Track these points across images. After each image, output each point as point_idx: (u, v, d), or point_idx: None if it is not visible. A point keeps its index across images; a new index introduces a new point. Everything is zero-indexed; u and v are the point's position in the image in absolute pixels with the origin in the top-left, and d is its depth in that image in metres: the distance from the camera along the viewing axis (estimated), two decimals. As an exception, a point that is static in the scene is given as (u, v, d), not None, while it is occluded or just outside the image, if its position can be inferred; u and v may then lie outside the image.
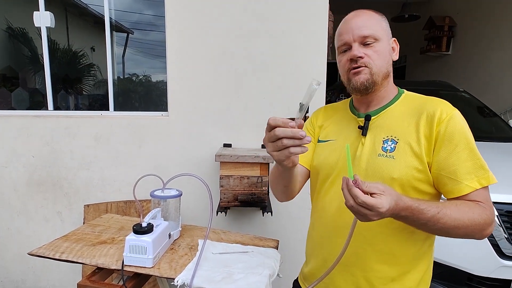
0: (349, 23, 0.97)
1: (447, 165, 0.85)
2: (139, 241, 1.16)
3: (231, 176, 1.97)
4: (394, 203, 0.74)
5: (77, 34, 2.76)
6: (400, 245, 0.93)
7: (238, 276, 1.15)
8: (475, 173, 0.84)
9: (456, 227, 0.80)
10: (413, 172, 0.88)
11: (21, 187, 2.35)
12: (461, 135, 0.86)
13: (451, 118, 0.87)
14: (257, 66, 2.21)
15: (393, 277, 0.94)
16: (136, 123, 2.28)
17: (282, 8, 2.16)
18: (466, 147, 0.85)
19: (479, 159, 0.85)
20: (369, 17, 0.96)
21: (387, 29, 0.98)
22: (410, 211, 0.77)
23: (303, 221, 2.28)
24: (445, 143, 0.86)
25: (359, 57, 0.93)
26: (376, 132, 0.96)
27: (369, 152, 0.95)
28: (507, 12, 5.04)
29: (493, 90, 5.24)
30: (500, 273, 1.97)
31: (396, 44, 1.00)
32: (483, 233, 0.84)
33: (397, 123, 0.94)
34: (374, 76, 0.94)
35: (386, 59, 0.96)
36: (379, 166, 0.91)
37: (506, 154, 2.64)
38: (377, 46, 0.94)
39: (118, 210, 2.25)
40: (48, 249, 1.29)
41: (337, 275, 1.01)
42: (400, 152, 0.90)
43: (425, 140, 0.88)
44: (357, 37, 0.94)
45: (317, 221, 1.10)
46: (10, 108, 2.54)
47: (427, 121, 0.89)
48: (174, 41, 2.21)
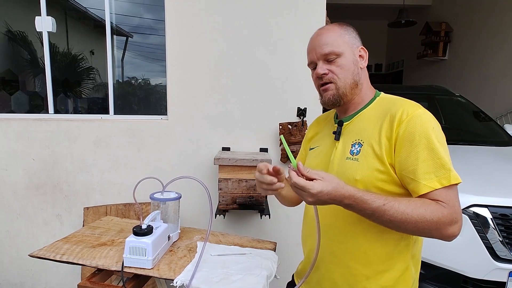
0: (313, 42, 1.05)
1: (407, 165, 0.88)
2: (139, 243, 1.18)
3: (229, 179, 1.99)
4: (332, 188, 0.81)
5: (76, 37, 2.78)
6: (370, 244, 0.96)
7: (236, 277, 1.17)
8: (435, 173, 0.85)
9: (404, 221, 0.82)
10: (375, 173, 0.92)
11: (20, 190, 2.36)
12: (422, 135, 0.87)
13: (411, 119, 0.89)
14: (255, 71, 2.24)
15: (368, 275, 0.97)
16: (136, 127, 2.30)
17: (279, 14, 2.19)
18: (426, 147, 0.86)
19: (440, 158, 0.86)
20: (331, 34, 1.01)
21: (351, 41, 1.02)
22: (353, 199, 0.83)
23: (300, 224, 2.29)
24: (405, 144, 0.88)
25: (323, 74, 1.00)
26: (347, 136, 1.03)
27: (340, 155, 1.02)
28: (502, 18, 5.11)
29: (489, 95, 5.29)
30: (495, 275, 2.00)
31: (364, 51, 1.04)
32: (442, 232, 0.83)
33: (365, 127, 0.99)
34: (340, 90, 1.00)
35: (351, 70, 1.00)
36: (346, 168, 0.97)
37: (500, 158, 2.67)
38: (340, 61, 0.99)
39: (118, 212, 2.26)
40: (49, 250, 1.31)
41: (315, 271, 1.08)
42: (363, 155, 0.95)
43: (386, 141, 0.92)
44: (320, 55, 1.01)
45: (303, 220, 1.20)
46: (10, 111, 2.56)
47: (389, 122, 0.92)
48: (174, 46, 2.23)
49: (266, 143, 2.29)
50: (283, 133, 2.20)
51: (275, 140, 2.28)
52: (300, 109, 2.22)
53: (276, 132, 2.26)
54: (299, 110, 2.23)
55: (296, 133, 2.18)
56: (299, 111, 2.23)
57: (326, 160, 1.06)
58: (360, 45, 1.05)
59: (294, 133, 2.19)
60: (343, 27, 1.04)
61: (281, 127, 2.20)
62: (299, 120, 2.23)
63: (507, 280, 1.99)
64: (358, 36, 1.06)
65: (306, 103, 2.24)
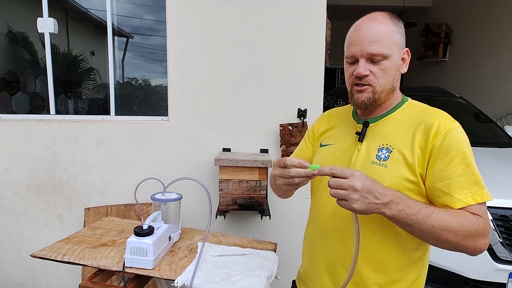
0: (360, 33, 0.91)
1: (441, 178, 0.85)
2: (140, 243, 1.19)
3: (230, 180, 2.00)
4: (372, 180, 0.80)
5: (77, 38, 2.79)
6: (387, 253, 0.93)
7: (237, 277, 1.18)
8: (469, 189, 0.83)
9: (445, 229, 0.79)
10: (404, 183, 0.88)
11: (22, 191, 2.36)
12: (458, 149, 0.84)
13: (449, 131, 0.86)
14: (256, 73, 2.25)
15: (380, 284, 0.95)
16: (137, 128, 2.31)
17: (280, 16, 2.20)
18: (462, 162, 0.84)
19: (474, 174, 0.84)
20: (383, 29, 0.90)
21: (400, 41, 0.93)
22: (398, 196, 0.80)
23: (300, 225, 2.30)
24: (440, 156, 0.85)
25: (364, 75, 0.91)
26: (373, 139, 0.96)
27: (363, 159, 0.95)
28: (502, 19, 5.11)
29: (489, 96, 5.30)
30: (495, 277, 2.00)
31: (408, 54, 0.96)
32: (475, 245, 0.82)
33: (394, 132, 0.94)
34: (376, 95, 0.93)
35: (393, 75, 0.93)
36: (371, 173, 0.90)
37: (501, 160, 2.68)
38: (385, 64, 0.90)
39: (118, 213, 2.27)
40: (50, 251, 1.32)
41: (325, 276, 1.03)
42: (393, 162, 0.90)
43: (420, 151, 0.88)
44: (366, 54, 0.90)
45: (311, 222, 1.12)
46: (11, 112, 2.57)
47: (424, 132, 0.88)
48: (175, 47, 2.24)
49: (266, 144, 2.30)
50: (283, 134, 2.21)
51: (276, 141, 2.29)
52: (301, 110, 2.23)
53: (277, 133, 2.26)
54: (299, 111, 2.23)
55: (296, 134, 2.19)
56: (300, 112, 2.23)
57: (345, 161, 0.99)
58: (405, 46, 0.95)
59: (295, 134, 2.19)
60: (395, 22, 0.92)
61: (282, 128, 2.21)
62: (300, 121, 2.24)
63: (507, 281, 1.99)
64: (404, 35, 0.96)
65: (307, 104, 2.24)
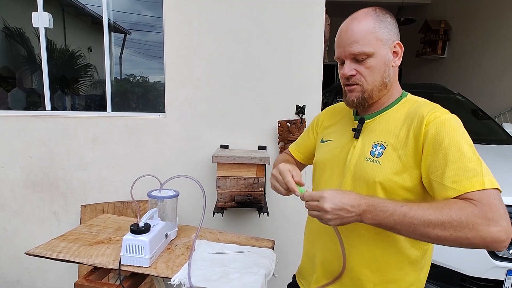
0: (341, 35, 0.94)
1: (435, 169, 0.82)
2: (136, 241, 1.18)
3: (227, 177, 1.99)
4: (343, 194, 0.82)
5: (74, 34, 2.76)
6: (382, 252, 0.93)
7: (234, 275, 1.17)
8: (464, 175, 0.78)
9: (428, 224, 0.74)
10: (397, 179, 0.87)
11: (17, 188, 2.34)
12: (452, 138, 0.81)
13: (442, 121, 0.84)
14: (254, 69, 2.23)
15: (375, 282, 0.95)
16: (134, 124, 2.29)
17: (278, 12, 2.18)
18: (456, 150, 0.80)
19: (472, 162, 0.79)
20: (363, 28, 0.90)
21: (386, 36, 0.92)
22: (372, 201, 0.81)
23: (298, 222, 2.30)
24: (434, 146, 0.82)
25: (350, 75, 0.93)
26: (368, 135, 0.96)
27: (358, 155, 0.95)
28: (501, 16, 5.10)
29: (488, 93, 5.30)
30: (493, 274, 2.00)
31: (400, 47, 0.95)
32: (480, 235, 0.72)
33: (389, 128, 0.93)
34: (366, 93, 0.94)
35: (381, 71, 0.92)
36: (365, 170, 0.91)
37: (499, 157, 2.67)
38: (370, 62, 0.91)
39: (115, 210, 2.25)
40: (45, 248, 1.30)
41: (321, 270, 1.04)
42: (386, 159, 0.89)
43: (414, 144, 0.86)
44: (348, 55, 0.92)
45: (309, 219, 1.13)
46: (7, 108, 2.54)
47: (417, 122, 0.87)
48: (172, 43, 2.22)
49: (264, 140, 2.29)
50: (281, 130, 2.19)
51: (274, 138, 2.27)
52: (299, 107, 2.22)
53: (275, 129, 2.25)
54: (297, 108, 2.22)
55: (294, 131, 2.18)
56: (298, 108, 2.22)
57: (341, 158, 1.00)
58: (396, 39, 0.94)
59: (293, 131, 2.18)
60: (379, 19, 0.92)
61: (280, 125, 2.20)
62: (298, 118, 2.22)
63: (505, 279, 1.99)
64: (396, 28, 0.94)
65: (305, 101, 2.23)
